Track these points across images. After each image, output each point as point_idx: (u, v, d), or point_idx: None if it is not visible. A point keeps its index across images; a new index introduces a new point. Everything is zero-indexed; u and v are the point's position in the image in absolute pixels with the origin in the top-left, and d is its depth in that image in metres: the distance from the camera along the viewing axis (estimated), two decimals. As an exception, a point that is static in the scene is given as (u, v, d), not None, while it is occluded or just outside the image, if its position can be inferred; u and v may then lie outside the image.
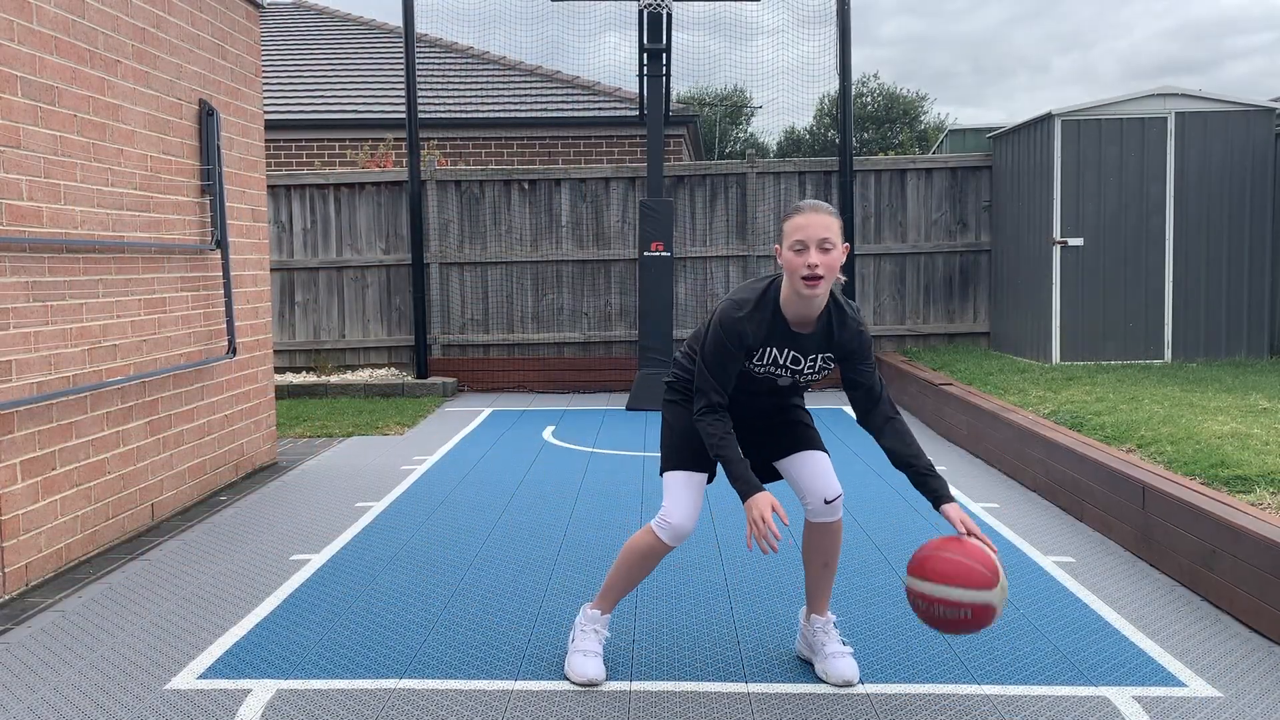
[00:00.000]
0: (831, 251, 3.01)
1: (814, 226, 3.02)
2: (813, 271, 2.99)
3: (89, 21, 4.97)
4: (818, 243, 3.00)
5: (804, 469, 3.35)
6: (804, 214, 3.05)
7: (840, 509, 3.35)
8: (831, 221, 3.04)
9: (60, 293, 4.72)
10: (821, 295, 3.07)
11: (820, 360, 3.21)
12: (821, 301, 3.10)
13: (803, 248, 3.01)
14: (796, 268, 3.02)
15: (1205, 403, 6.53)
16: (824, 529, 3.37)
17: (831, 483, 3.33)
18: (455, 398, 10.33)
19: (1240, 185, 9.04)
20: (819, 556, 3.40)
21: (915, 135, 38.95)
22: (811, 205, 3.07)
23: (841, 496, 3.35)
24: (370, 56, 16.13)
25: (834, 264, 3.02)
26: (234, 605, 4.19)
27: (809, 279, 3.00)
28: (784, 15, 22.37)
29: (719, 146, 38.07)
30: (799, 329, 3.15)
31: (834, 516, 3.35)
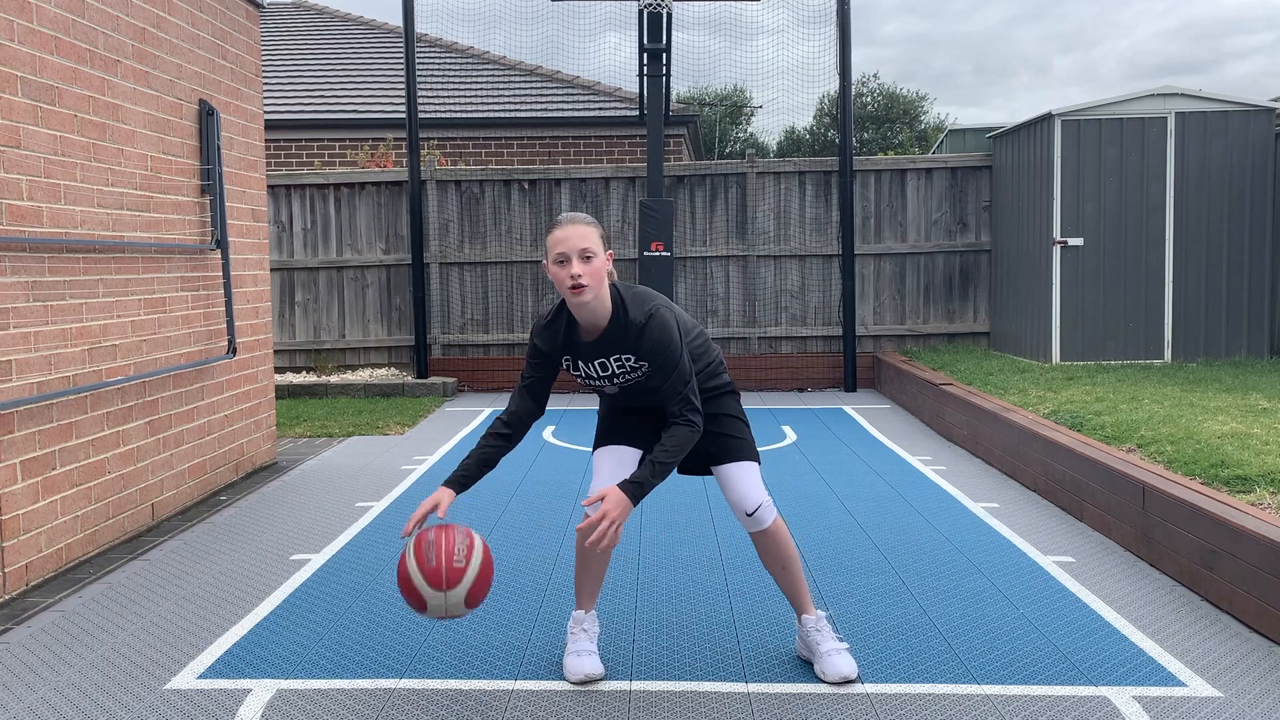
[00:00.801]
0: (593, 260, 3.15)
1: (573, 238, 3.15)
2: (576, 280, 3.12)
3: (89, 21, 4.97)
4: (579, 253, 3.14)
5: (725, 482, 3.43)
6: (562, 227, 3.19)
7: (766, 517, 3.38)
8: (589, 231, 3.18)
9: (60, 293, 4.72)
10: (595, 302, 3.19)
11: (629, 363, 3.27)
12: (601, 307, 3.21)
13: (565, 259, 3.15)
14: (562, 279, 3.15)
15: (1205, 403, 6.53)
16: (761, 537, 3.43)
17: (748, 495, 3.37)
18: (455, 398, 10.34)
19: (1240, 185, 9.04)
20: (772, 563, 3.47)
21: (915, 135, 38.95)
22: (569, 218, 3.21)
23: (763, 504, 3.37)
24: (370, 56, 16.14)
25: (597, 271, 3.15)
26: (234, 605, 4.19)
27: (574, 288, 3.13)
28: (784, 15, 22.38)
29: (719, 146, 38.06)
30: (589, 337, 3.28)
31: (759, 527, 3.40)
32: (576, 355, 3.31)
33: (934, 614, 3.95)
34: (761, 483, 3.42)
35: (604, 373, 3.31)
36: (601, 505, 3.09)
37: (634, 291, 3.29)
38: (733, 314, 10.71)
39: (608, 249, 3.23)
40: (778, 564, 3.45)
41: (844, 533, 5.11)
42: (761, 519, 3.38)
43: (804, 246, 10.66)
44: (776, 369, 10.59)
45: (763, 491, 3.41)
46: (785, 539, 3.44)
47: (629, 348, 3.24)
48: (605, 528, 3.06)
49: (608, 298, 3.22)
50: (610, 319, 3.23)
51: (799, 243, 10.67)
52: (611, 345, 3.25)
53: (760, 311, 10.69)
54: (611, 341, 3.25)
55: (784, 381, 10.57)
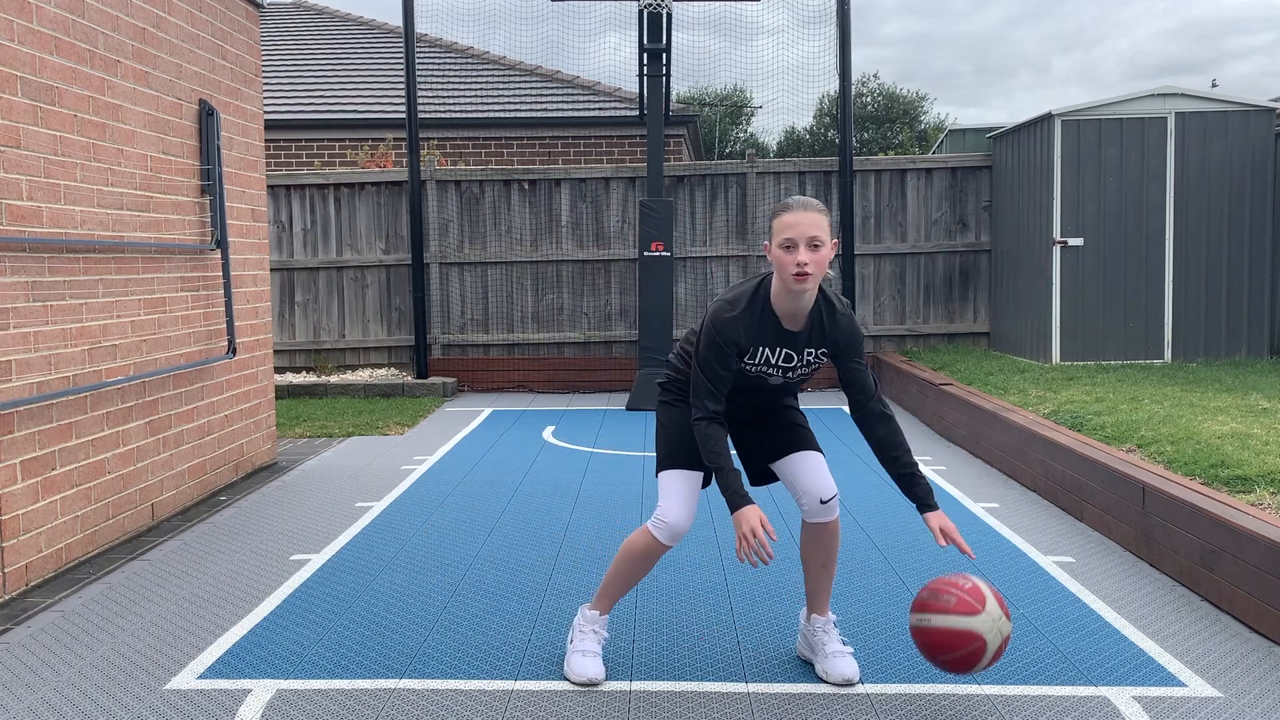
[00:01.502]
0: (820, 249, 3.04)
1: (803, 224, 3.03)
2: (802, 269, 3.01)
3: (89, 21, 4.97)
4: (807, 240, 3.02)
5: (799, 469, 3.35)
6: (793, 211, 3.07)
7: (836, 508, 3.35)
8: (820, 219, 3.06)
9: (60, 293, 4.72)
10: (811, 291, 3.10)
11: (812, 356, 3.23)
12: (811, 298, 3.13)
13: (792, 245, 3.03)
14: (786, 265, 3.04)
15: (1205, 403, 6.53)
16: (821, 529, 3.37)
17: (827, 482, 3.33)
18: (455, 398, 10.33)
19: (1240, 185, 9.04)
20: (817, 556, 3.40)
21: (915, 135, 38.95)
22: (801, 203, 3.08)
23: (837, 496, 3.35)
24: (370, 56, 16.14)
25: (823, 261, 3.05)
26: (234, 605, 4.19)
27: (798, 275, 3.02)
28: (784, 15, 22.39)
29: (719, 146, 38.06)
30: (790, 326, 3.17)
31: (830, 516, 3.35)
32: (766, 341, 3.18)
33: (934, 614, 3.94)
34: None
35: (787, 364, 3.22)
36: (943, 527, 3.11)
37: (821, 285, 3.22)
38: (733, 314, 10.69)
39: (834, 236, 3.15)
40: (821, 558, 3.40)
41: (844, 533, 5.10)
42: (834, 508, 3.35)
43: (804, 246, 10.64)
44: (776, 369, 10.57)
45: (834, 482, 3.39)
46: (838, 536, 3.41)
47: (824, 340, 3.19)
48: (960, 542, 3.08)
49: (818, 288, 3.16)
50: (813, 309, 3.16)
51: (799, 243, 10.64)
52: (810, 336, 3.18)
53: (760, 311, 10.67)
54: (811, 332, 3.18)
55: (784, 381, 10.55)
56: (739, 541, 3.05)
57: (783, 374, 3.25)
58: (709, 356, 3.16)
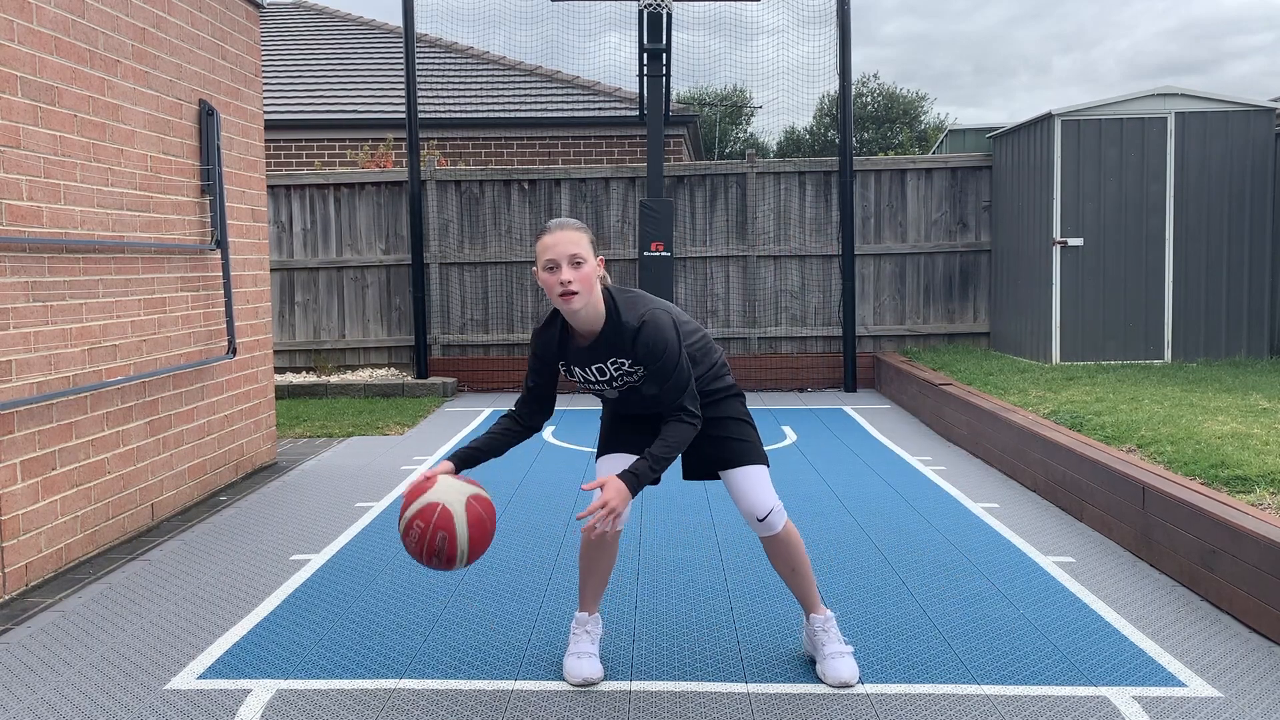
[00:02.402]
0: (583, 265, 3.11)
1: (562, 244, 3.11)
2: (566, 287, 3.09)
3: (89, 21, 4.97)
4: (568, 259, 3.10)
5: (733, 489, 3.40)
6: (551, 233, 3.15)
7: (776, 523, 3.37)
8: (579, 236, 3.14)
9: (60, 293, 4.72)
10: (587, 308, 3.15)
11: (624, 366, 3.24)
12: (594, 314, 3.19)
13: (554, 266, 3.11)
14: (552, 286, 3.12)
15: (1205, 403, 6.53)
16: (770, 543, 3.42)
17: (759, 501, 3.35)
18: (455, 398, 10.34)
19: (1240, 185, 9.04)
20: (782, 566, 3.46)
21: (915, 135, 38.95)
22: (558, 224, 3.17)
23: (774, 509, 3.36)
24: (370, 56, 16.14)
25: (587, 277, 3.12)
26: (234, 605, 4.19)
27: (564, 295, 3.10)
28: (784, 15, 22.38)
29: (719, 146, 38.06)
30: (583, 342, 3.25)
31: (771, 532, 3.39)
32: (572, 360, 3.29)
33: (934, 614, 3.95)
34: (771, 486, 3.40)
35: (601, 377, 3.30)
36: (601, 493, 3.08)
37: (628, 295, 3.26)
38: (733, 314, 10.71)
39: (598, 254, 3.20)
40: (787, 567, 3.44)
41: (844, 533, 5.10)
42: (773, 524, 3.36)
43: (804, 247, 10.66)
44: (776, 369, 10.59)
45: (772, 496, 3.37)
46: (795, 543, 3.42)
47: (624, 352, 3.22)
48: (603, 514, 3.05)
49: (600, 302, 3.19)
50: (604, 323, 3.21)
51: (799, 243, 10.67)
52: (606, 350, 3.23)
53: (760, 312, 10.69)
54: (606, 346, 3.22)
55: (784, 382, 10.57)
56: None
57: (609, 386, 3.32)
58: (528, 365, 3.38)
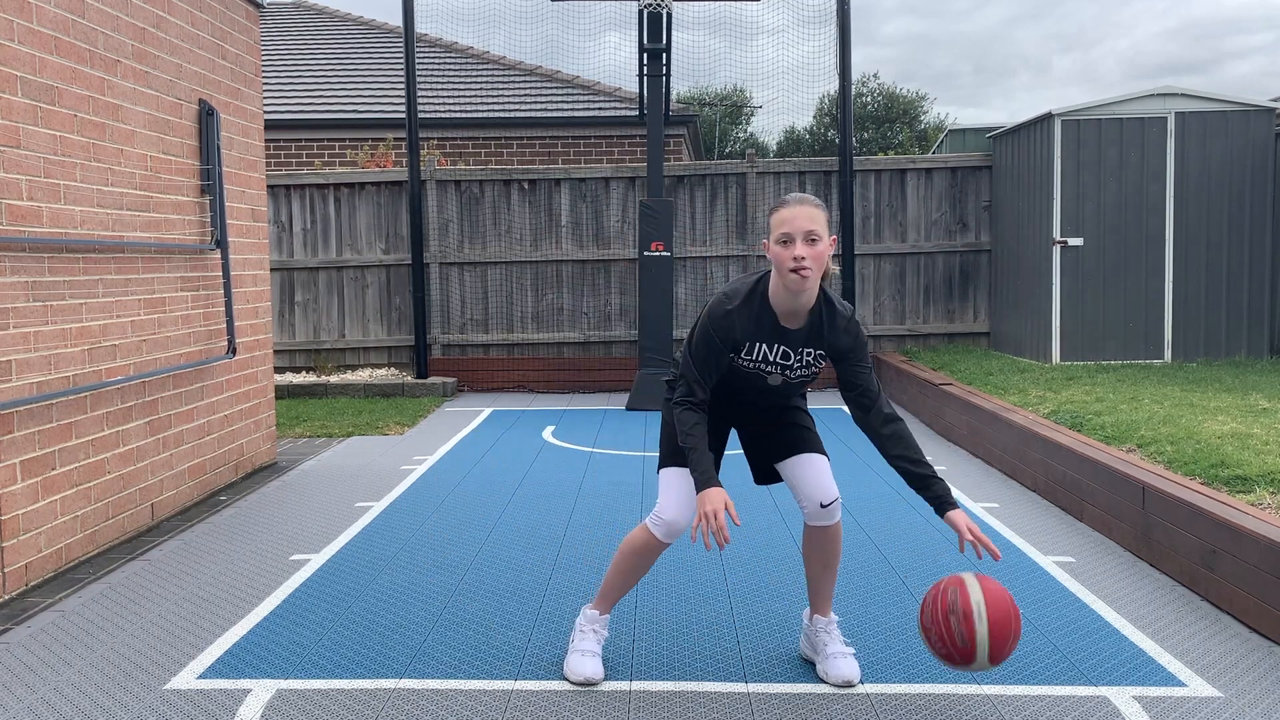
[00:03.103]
0: (818, 244, 3.01)
1: (800, 219, 3.01)
2: (799, 264, 2.98)
3: (89, 21, 4.97)
4: (804, 235, 3.00)
5: (801, 472, 3.34)
6: (790, 207, 3.05)
7: (838, 512, 3.35)
8: (818, 214, 3.03)
9: (60, 293, 4.72)
10: (810, 289, 3.06)
11: (810, 357, 3.19)
12: (811, 296, 3.10)
13: (789, 240, 3.00)
14: (783, 260, 3.01)
15: (1205, 403, 6.53)
16: (821, 533, 3.37)
17: (828, 486, 3.32)
18: (455, 398, 10.33)
19: (1240, 185, 9.04)
20: (818, 559, 3.40)
21: (915, 135, 38.95)
22: (798, 198, 3.06)
23: (839, 500, 3.34)
24: (370, 56, 16.13)
25: (821, 256, 3.02)
26: (234, 605, 4.19)
27: (796, 270, 2.99)
28: (784, 15, 22.39)
29: (719, 146, 38.06)
30: (788, 324, 3.15)
31: (830, 520, 3.34)
32: (765, 339, 3.15)
33: (934, 614, 3.94)
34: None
35: (784, 362, 3.18)
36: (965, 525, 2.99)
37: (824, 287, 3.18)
38: (733, 314, 10.69)
39: (833, 233, 3.10)
40: (822, 561, 3.40)
41: (844, 533, 5.10)
42: (835, 511, 3.33)
43: (804, 246, 10.64)
44: (776, 369, 10.57)
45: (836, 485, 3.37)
46: (840, 539, 3.40)
47: (822, 341, 3.15)
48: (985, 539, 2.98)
49: (818, 285, 3.11)
50: (813, 309, 3.13)
51: (799, 243, 10.65)
52: (808, 335, 3.15)
53: (760, 311, 10.67)
54: (809, 331, 3.14)
55: (784, 381, 10.55)
56: (698, 520, 3.01)
57: (781, 372, 3.22)
58: (701, 349, 3.16)
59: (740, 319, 3.13)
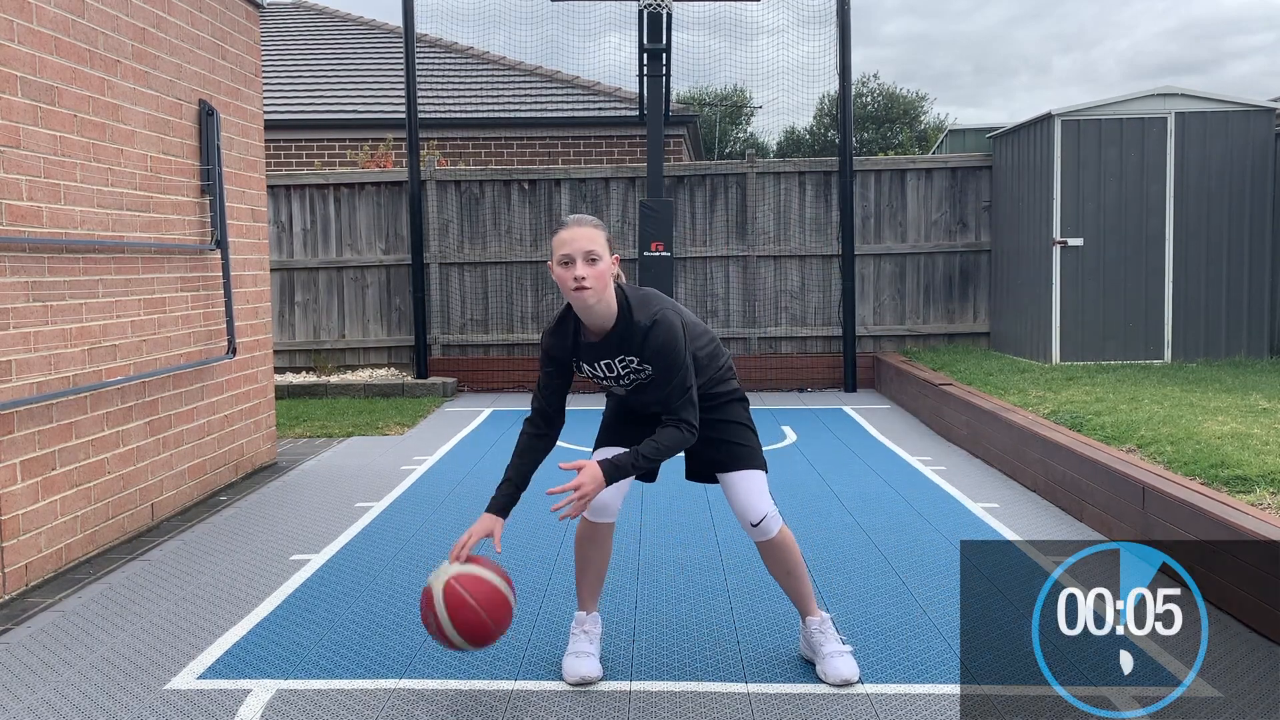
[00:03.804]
0: (598, 262, 3.15)
1: (579, 240, 3.15)
2: (580, 283, 3.12)
3: (89, 21, 4.97)
4: (584, 255, 3.14)
5: (730, 492, 3.42)
6: (568, 229, 3.19)
7: (771, 528, 3.38)
8: (595, 233, 3.18)
9: (60, 293, 4.72)
10: (600, 304, 3.18)
11: (632, 364, 3.27)
12: (607, 310, 3.21)
13: (569, 261, 3.15)
14: (566, 280, 3.16)
15: (1205, 403, 6.53)
16: (765, 547, 3.43)
17: (753, 505, 3.36)
18: (455, 398, 10.33)
19: (1240, 185, 9.04)
20: (776, 569, 3.47)
21: (915, 135, 38.95)
22: (575, 219, 3.21)
23: (768, 515, 3.36)
24: (370, 56, 16.13)
25: (602, 274, 3.15)
26: (234, 605, 4.19)
27: (578, 290, 3.13)
28: (784, 15, 22.37)
29: (719, 146, 38.05)
30: (595, 338, 3.28)
31: (764, 537, 3.40)
32: (583, 356, 3.32)
33: (934, 614, 3.95)
34: (767, 492, 3.40)
35: (610, 374, 3.32)
36: (577, 476, 3.12)
37: (641, 294, 3.28)
38: (733, 314, 10.71)
39: (614, 252, 3.24)
40: (782, 570, 3.45)
41: (844, 533, 5.10)
42: (767, 529, 3.37)
43: (804, 246, 10.66)
44: (776, 369, 10.59)
45: (768, 502, 3.38)
46: (790, 547, 3.43)
47: (633, 350, 3.24)
48: (574, 496, 3.09)
49: (613, 299, 3.22)
50: (616, 320, 3.24)
51: (799, 243, 10.67)
52: (617, 347, 3.26)
53: (760, 311, 10.69)
54: (617, 343, 3.25)
55: (784, 381, 10.56)
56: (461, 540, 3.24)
57: (617, 383, 3.35)
58: (540, 366, 3.39)
59: (556, 339, 3.32)
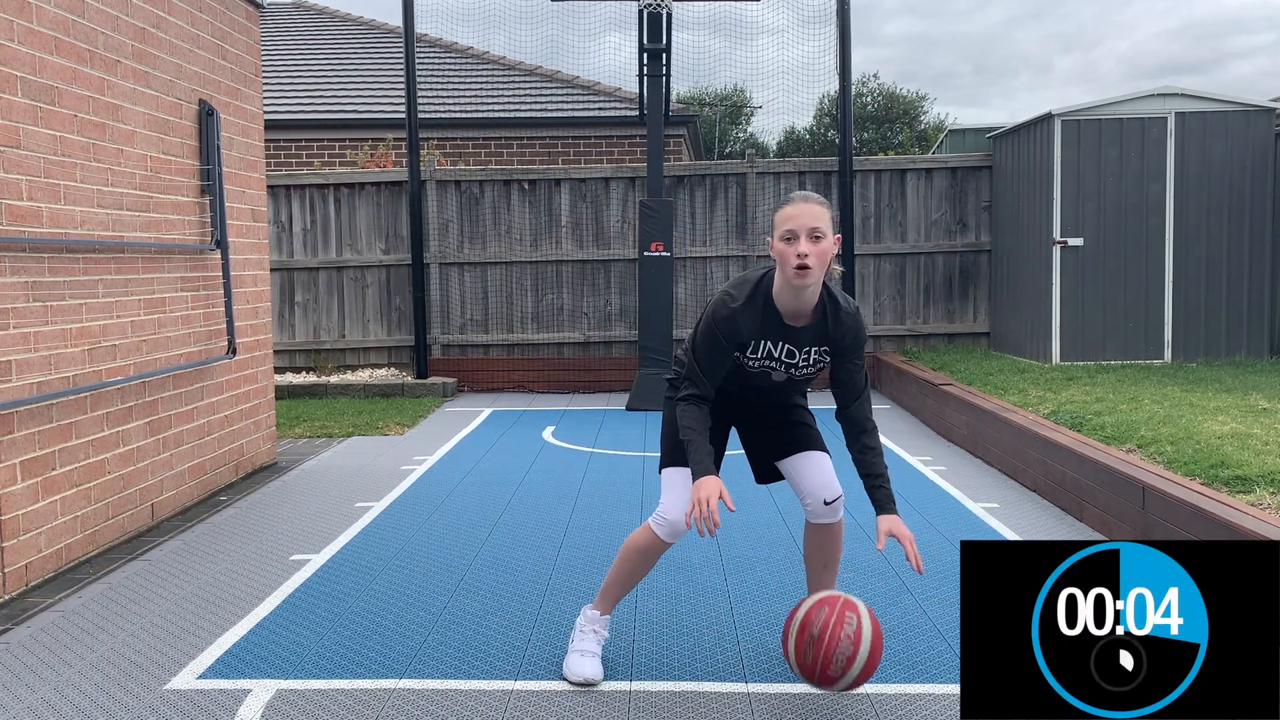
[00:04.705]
0: (822, 241, 3.01)
1: (804, 216, 3.01)
2: (803, 261, 2.98)
3: (89, 21, 4.97)
4: (808, 232, 3.00)
5: (804, 469, 3.35)
6: (794, 204, 3.05)
7: (840, 510, 3.35)
8: (822, 211, 3.04)
9: (60, 293, 4.72)
10: (813, 286, 3.06)
11: (815, 354, 3.19)
12: (814, 293, 3.10)
13: (793, 237, 3.00)
14: (787, 257, 3.01)
15: (1205, 403, 6.53)
16: (824, 530, 3.37)
17: (831, 483, 3.33)
18: (455, 398, 10.33)
19: (1240, 185, 9.04)
20: (819, 558, 3.41)
21: (915, 135, 38.95)
22: (802, 196, 3.08)
23: (842, 497, 3.35)
24: (370, 56, 16.13)
25: (824, 253, 3.02)
26: (234, 605, 4.19)
27: (799, 268, 2.99)
28: (785, 15, 22.37)
29: (719, 146, 38.05)
30: (792, 322, 3.15)
31: (834, 518, 3.35)
32: (770, 336, 3.15)
33: (934, 614, 3.95)
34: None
35: (790, 360, 3.18)
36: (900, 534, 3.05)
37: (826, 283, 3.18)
38: (733, 314, 10.69)
39: (837, 231, 3.10)
40: (823, 559, 3.41)
41: (844, 533, 5.09)
42: (839, 509, 3.34)
43: (804, 246, 10.64)
44: (776, 369, 10.57)
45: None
46: (841, 536, 3.41)
47: (827, 339, 3.15)
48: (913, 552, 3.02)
49: (821, 283, 3.11)
50: (817, 306, 3.12)
51: (799, 243, 10.65)
52: (814, 333, 3.15)
53: (760, 311, 10.67)
54: (815, 330, 3.14)
55: (784, 381, 10.55)
56: (691, 506, 3.02)
57: (786, 370, 3.22)
58: (706, 347, 3.16)
59: (745, 318, 3.12)
